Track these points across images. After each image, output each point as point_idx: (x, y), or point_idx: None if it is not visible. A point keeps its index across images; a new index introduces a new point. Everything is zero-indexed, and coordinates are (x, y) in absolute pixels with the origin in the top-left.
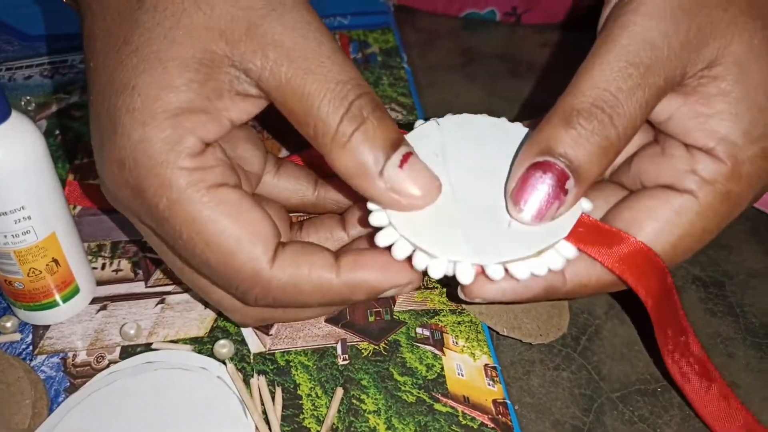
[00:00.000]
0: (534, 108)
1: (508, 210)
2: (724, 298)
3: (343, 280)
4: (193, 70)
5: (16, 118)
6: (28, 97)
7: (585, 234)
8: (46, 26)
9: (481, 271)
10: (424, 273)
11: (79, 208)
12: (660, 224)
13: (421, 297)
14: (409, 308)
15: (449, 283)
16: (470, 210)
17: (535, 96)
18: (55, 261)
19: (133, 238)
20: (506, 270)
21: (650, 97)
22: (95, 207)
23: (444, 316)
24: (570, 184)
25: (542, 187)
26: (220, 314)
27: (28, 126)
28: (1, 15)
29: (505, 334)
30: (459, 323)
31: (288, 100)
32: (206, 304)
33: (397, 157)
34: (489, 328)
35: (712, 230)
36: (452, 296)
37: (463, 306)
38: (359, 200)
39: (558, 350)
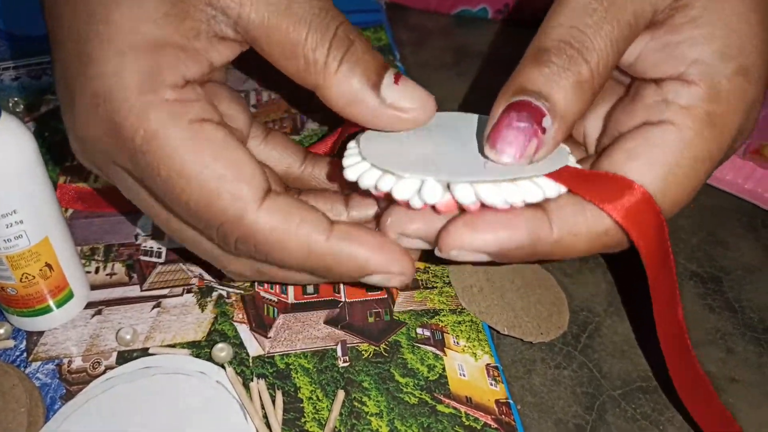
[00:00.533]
0: None
1: (485, 154)
2: (721, 294)
3: (331, 246)
4: (169, 4)
5: (6, 120)
6: (16, 99)
7: (573, 178)
8: (34, 27)
9: (454, 203)
10: (389, 198)
11: (70, 211)
12: (642, 162)
13: (421, 297)
14: (409, 308)
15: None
16: (448, 155)
17: None
18: (49, 266)
19: (127, 241)
20: (481, 203)
21: (620, 34)
22: (87, 210)
23: (444, 315)
24: (547, 121)
25: (519, 125)
26: (208, 267)
27: (19, 128)
28: None
29: (506, 333)
30: (459, 323)
31: (273, 36)
32: (202, 264)
33: (389, 76)
34: (489, 327)
35: (704, 159)
36: (430, 257)
37: (463, 305)
38: (346, 186)
39: (559, 348)
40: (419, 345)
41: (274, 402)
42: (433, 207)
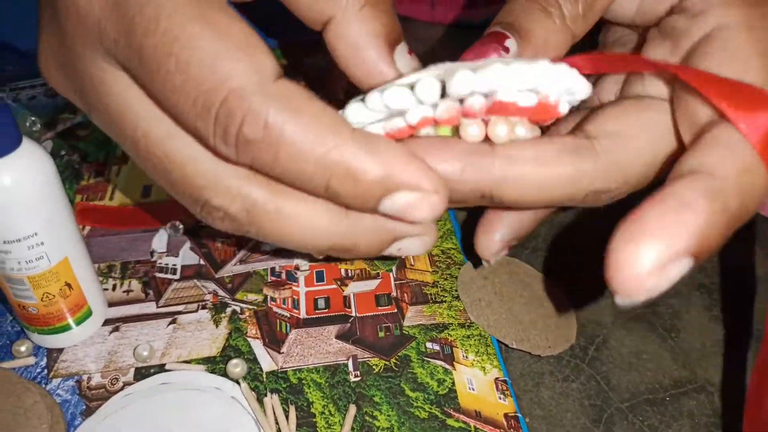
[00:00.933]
0: None
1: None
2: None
3: (356, 141)
4: None
5: (26, 145)
6: (33, 118)
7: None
8: None
9: (456, 108)
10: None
11: (87, 229)
12: (727, 70)
13: (430, 311)
14: (419, 323)
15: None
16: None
17: None
18: (68, 285)
19: (143, 258)
20: (489, 106)
21: None
22: (104, 228)
23: (453, 330)
24: (510, 42)
25: (479, 44)
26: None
27: (39, 152)
28: (2, 35)
29: (514, 346)
30: (468, 337)
31: None
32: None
33: (405, 45)
34: (498, 341)
35: None
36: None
37: (472, 319)
38: None
39: (567, 361)
40: (429, 359)
41: (287, 417)
42: (435, 122)
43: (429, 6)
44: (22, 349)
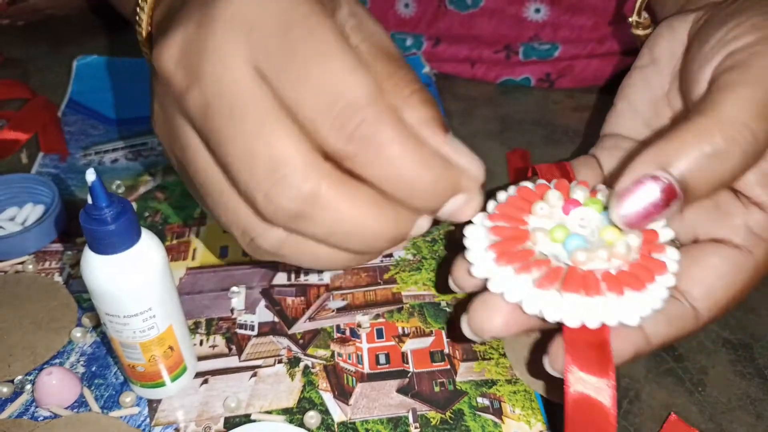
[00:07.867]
0: None
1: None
2: (752, 360)
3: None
4: None
5: (145, 237)
6: (119, 182)
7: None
8: (125, 110)
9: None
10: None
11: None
12: (724, 281)
13: (480, 367)
14: (470, 378)
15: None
16: None
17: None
18: (171, 347)
19: (224, 315)
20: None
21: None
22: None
23: (501, 385)
24: (675, 203)
25: (650, 199)
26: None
27: (154, 241)
28: (85, 100)
29: (556, 401)
30: (515, 392)
31: None
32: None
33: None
34: (541, 395)
35: (758, 282)
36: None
37: (517, 375)
38: None
39: None
40: (480, 413)
41: None
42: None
43: (470, 65)
44: (127, 400)
